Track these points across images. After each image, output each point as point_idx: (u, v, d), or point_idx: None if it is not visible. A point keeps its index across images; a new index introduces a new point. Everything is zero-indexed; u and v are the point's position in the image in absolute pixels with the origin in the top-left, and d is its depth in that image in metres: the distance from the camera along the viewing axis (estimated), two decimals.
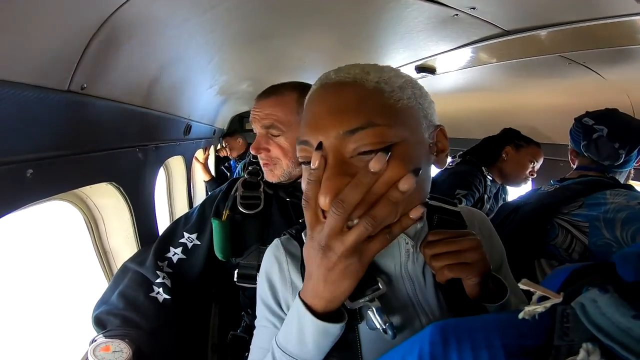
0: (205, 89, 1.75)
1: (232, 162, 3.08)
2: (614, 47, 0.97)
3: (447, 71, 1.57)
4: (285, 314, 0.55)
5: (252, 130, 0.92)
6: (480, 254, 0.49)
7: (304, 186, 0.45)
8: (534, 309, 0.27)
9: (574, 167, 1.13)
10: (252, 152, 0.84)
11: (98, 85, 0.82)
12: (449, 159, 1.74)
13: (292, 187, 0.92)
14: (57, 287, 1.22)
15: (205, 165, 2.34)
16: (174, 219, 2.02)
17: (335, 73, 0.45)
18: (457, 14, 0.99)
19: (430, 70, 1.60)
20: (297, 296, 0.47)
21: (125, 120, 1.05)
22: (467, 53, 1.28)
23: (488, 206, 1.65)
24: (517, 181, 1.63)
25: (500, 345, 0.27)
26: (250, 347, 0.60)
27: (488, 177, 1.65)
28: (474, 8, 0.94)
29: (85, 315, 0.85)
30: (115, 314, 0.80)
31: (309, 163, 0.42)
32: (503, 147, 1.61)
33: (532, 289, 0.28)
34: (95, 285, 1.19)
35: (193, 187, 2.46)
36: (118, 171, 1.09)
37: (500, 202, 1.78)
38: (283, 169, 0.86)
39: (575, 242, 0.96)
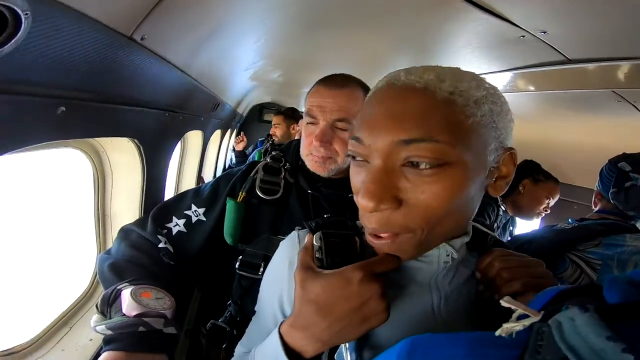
0: (242, 69, 1.72)
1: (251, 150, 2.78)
2: None
3: None
4: (284, 317, 0.51)
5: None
6: (547, 272, 0.48)
7: (353, 180, 0.44)
8: (512, 326, 0.26)
9: (595, 209, 1.11)
10: (317, 143, 0.80)
11: (155, 39, 0.78)
12: None
13: (317, 179, 0.87)
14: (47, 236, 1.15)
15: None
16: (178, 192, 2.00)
17: (405, 74, 0.40)
18: (524, 36, 0.95)
19: None
20: (276, 331, 0.45)
21: (165, 80, 1.00)
22: (517, 77, 1.24)
23: (496, 235, 1.62)
24: (530, 215, 1.60)
25: None
26: (246, 330, 0.61)
27: (502, 207, 1.63)
28: (545, 32, 0.90)
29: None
30: (137, 263, 0.73)
31: (355, 158, 0.42)
32: (521, 180, 1.58)
33: (513, 307, 0.28)
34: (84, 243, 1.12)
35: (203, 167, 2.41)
36: (143, 130, 1.04)
37: (507, 233, 1.78)
38: (337, 165, 0.83)
39: (582, 277, 0.96)
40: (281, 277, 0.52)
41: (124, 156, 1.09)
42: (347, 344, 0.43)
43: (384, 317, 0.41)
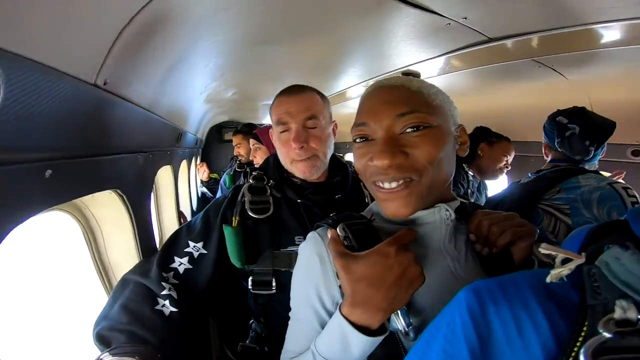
0: (196, 95, 1.72)
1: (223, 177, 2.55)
2: (578, 51, 1.13)
3: (430, 76, 1.71)
4: (328, 311, 0.56)
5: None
6: (524, 221, 0.57)
7: (357, 164, 0.56)
8: (560, 271, 0.27)
9: (548, 159, 1.27)
10: (296, 145, 0.85)
11: (118, 83, 0.79)
12: None
13: (304, 188, 0.92)
14: (54, 304, 1.10)
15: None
16: (164, 234, 1.94)
17: (386, 80, 0.57)
18: (449, 23, 1.10)
19: (415, 75, 1.73)
20: (338, 312, 0.50)
21: (133, 122, 1.01)
22: (451, 59, 1.41)
23: (473, 200, 1.78)
24: (493, 174, 1.80)
25: (535, 303, 0.27)
26: (286, 336, 0.63)
27: (470, 172, 1.80)
28: (465, 18, 1.05)
29: (86, 333, 0.78)
30: (120, 330, 0.76)
31: (363, 140, 0.55)
32: (478, 145, 1.77)
33: (553, 253, 0.29)
34: (95, 300, 1.11)
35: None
36: (122, 178, 1.03)
37: (483, 195, 1.95)
38: (321, 161, 0.89)
39: (559, 224, 1.07)
40: (314, 273, 0.57)
41: (108, 210, 1.08)
42: (398, 312, 0.50)
43: (423, 278, 0.49)
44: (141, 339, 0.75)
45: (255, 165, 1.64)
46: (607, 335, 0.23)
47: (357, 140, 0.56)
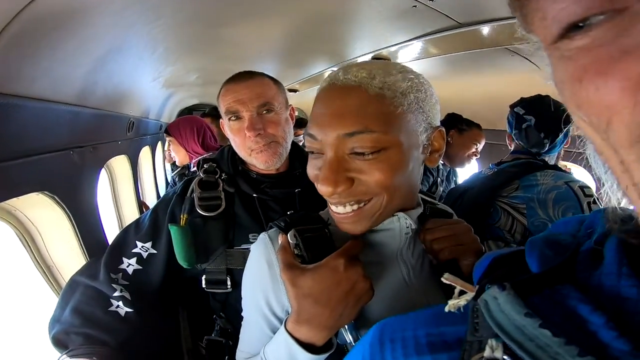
0: (149, 81, 1.61)
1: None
2: None
3: (402, 62, 1.63)
4: (278, 317, 0.54)
5: None
6: (472, 237, 0.55)
7: (309, 173, 0.50)
8: (457, 302, 0.27)
9: (511, 150, 1.22)
10: (251, 134, 0.80)
11: (14, 83, 0.71)
12: None
13: (260, 182, 0.87)
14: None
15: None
16: (124, 226, 1.88)
17: (343, 74, 0.46)
18: (416, 5, 1.01)
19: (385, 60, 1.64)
20: (283, 328, 0.48)
21: (53, 120, 0.92)
22: (421, 44, 1.32)
23: (442, 189, 1.75)
24: (461, 162, 1.73)
25: (425, 342, 0.27)
26: (240, 335, 0.61)
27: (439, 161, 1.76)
28: (432, 0, 0.97)
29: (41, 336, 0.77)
30: (76, 332, 0.74)
31: (313, 153, 0.49)
32: (447, 132, 1.68)
33: (452, 283, 0.29)
34: (45, 303, 1.10)
35: (141, 188, 2.26)
36: (50, 178, 0.96)
37: (452, 184, 1.89)
38: (282, 146, 0.84)
39: (515, 224, 1.04)
40: (263, 279, 0.54)
41: (43, 211, 1.01)
42: (346, 326, 0.48)
43: (371, 293, 0.47)
44: (98, 340, 0.74)
45: (174, 160, 1.63)
46: None
47: (310, 152, 0.50)
